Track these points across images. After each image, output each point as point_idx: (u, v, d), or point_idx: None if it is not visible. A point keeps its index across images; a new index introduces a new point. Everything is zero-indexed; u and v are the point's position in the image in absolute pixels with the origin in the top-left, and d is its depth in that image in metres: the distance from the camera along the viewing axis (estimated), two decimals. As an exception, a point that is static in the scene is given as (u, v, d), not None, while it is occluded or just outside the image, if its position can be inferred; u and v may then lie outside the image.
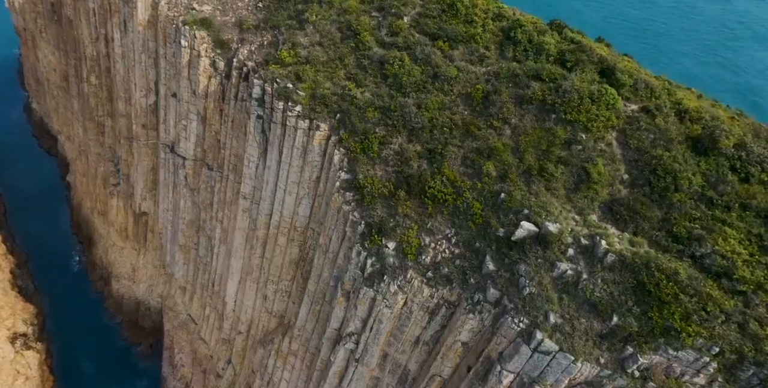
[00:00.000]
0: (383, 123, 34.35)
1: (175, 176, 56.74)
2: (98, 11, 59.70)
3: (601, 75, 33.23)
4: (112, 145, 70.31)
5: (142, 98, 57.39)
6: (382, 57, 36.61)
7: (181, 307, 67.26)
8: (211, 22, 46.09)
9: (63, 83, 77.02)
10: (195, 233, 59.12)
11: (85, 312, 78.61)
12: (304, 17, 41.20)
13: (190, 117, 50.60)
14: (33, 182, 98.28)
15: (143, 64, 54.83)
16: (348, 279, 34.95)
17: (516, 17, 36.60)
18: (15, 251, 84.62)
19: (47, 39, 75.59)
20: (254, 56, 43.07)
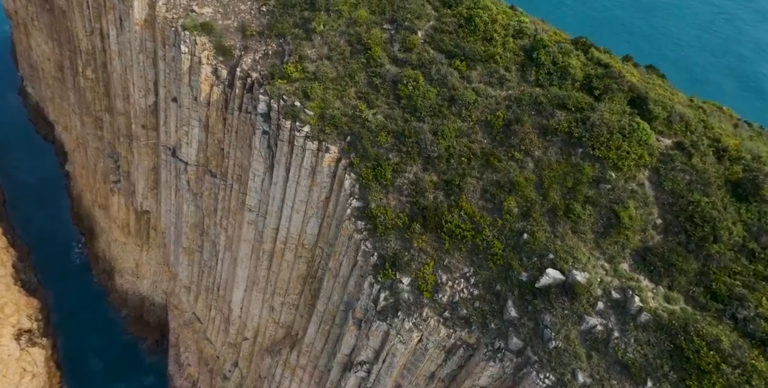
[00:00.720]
0: (397, 149, 32.79)
1: (177, 180, 55.33)
2: (92, 5, 57.11)
3: (632, 105, 31.34)
4: (111, 141, 68.53)
5: (141, 99, 55.42)
6: (394, 76, 34.72)
7: (186, 305, 66.79)
8: (212, 26, 43.87)
9: (58, 74, 74.66)
10: (199, 236, 58.08)
11: (89, 306, 78.35)
12: (311, 27, 39.03)
13: (192, 123, 48.87)
14: (31, 170, 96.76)
15: (141, 65, 52.67)
16: (359, 308, 34.07)
17: (539, 36, 34.44)
18: (16, 243, 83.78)
19: (39, 27, 72.86)
20: (258, 67, 41.08)
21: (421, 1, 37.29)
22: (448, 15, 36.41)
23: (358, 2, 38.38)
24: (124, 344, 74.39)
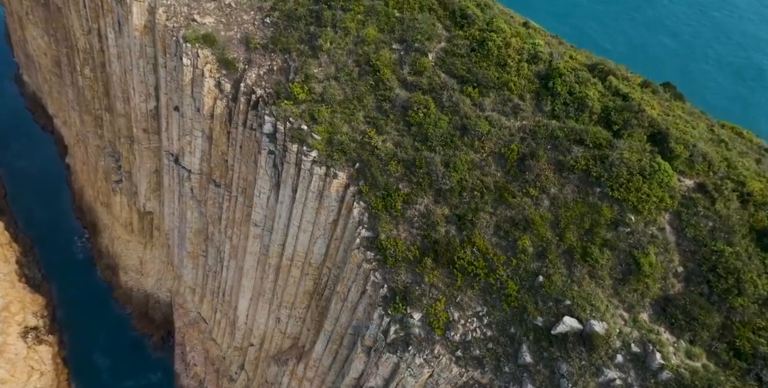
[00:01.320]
0: (407, 179, 32.13)
1: (180, 186, 54.69)
2: (89, 5, 55.41)
3: (653, 141, 30.38)
4: (112, 140, 67.60)
5: (142, 103, 54.32)
6: (404, 101, 33.76)
7: (191, 305, 67.00)
8: (215, 38, 42.58)
9: (55, 69, 73.14)
10: (203, 242, 57.79)
11: (94, 302, 78.53)
12: (318, 44, 37.80)
13: (195, 133, 48.00)
14: (31, 161, 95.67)
15: (141, 70, 51.40)
16: (369, 336, 33.95)
17: (555, 62, 33.23)
18: (19, 237, 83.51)
19: (35, 21, 70.98)
20: (263, 83, 39.99)
21: (432, 20, 35.96)
22: (460, 36, 35.11)
23: (365, 19, 37.05)
24: (130, 341, 74.85)
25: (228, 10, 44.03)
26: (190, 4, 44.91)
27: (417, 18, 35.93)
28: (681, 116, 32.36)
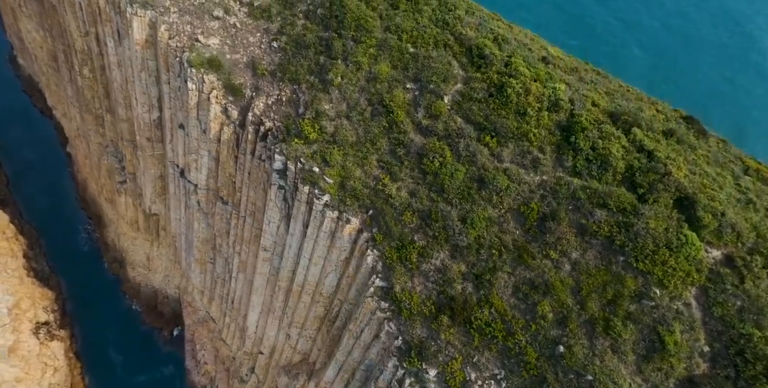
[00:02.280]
0: (422, 231, 31.69)
1: (187, 198, 54.18)
2: (85, 10, 53.19)
3: (679, 207, 29.52)
4: (114, 140, 66.47)
5: (145, 113, 53.06)
6: (420, 148, 32.88)
7: (200, 304, 67.69)
8: (220, 63, 41.07)
9: (52, 64, 71.11)
10: (211, 250, 57.76)
11: (103, 295, 79.33)
12: (328, 78, 36.45)
13: (201, 153, 47.09)
14: (31, 147, 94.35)
15: (143, 82, 49.93)
16: (382, 380, 34.33)
17: (576, 112, 31.98)
18: (24, 228, 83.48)
19: (28, 14, 68.44)
20: (272, 114, 38.86)
21: (447, 58, 34.52)
22: (477, 79, 33.75)
23: (378, 54, 35.58)
24: (140, 334, 76.09)
25: (233, 30, 42.29)
26: (193, 23, 43.12)
27: (432, 55, 34.48)
28: (707, 173, 31.32)
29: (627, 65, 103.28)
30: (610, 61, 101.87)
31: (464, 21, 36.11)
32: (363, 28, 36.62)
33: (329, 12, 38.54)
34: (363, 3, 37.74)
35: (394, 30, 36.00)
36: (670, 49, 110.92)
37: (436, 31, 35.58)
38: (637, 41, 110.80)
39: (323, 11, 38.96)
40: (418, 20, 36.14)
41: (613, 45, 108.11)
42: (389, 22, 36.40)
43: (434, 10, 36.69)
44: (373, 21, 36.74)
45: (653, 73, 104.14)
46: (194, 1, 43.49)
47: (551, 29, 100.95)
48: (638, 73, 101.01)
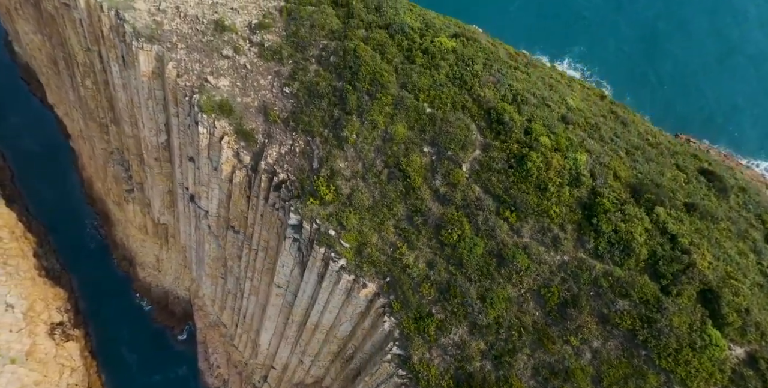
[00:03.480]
0: (441, 304, 32.06)
1: (197, 220, 54.25)
2: (87, 29, 51.43)
3: (703, 299, 29.54)
4: (120, 148, 65.76)
5: (153, 137, 52.42)
6: (438, 218, 32.75)
7: (211, 309, 68.92)
8: (231, 107, 40.25)
9: (52, 67, 69.31)
10: (222, 267, 58.29)
11: (115, 292, 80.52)
12: (343, 135, 35.83)
13: (212, 186, 46.83)
14: (34, 137, 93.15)
15: (150, 109, 49.09)
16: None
17: (599, 189, 31.47)
18: (33, 225, 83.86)
19: (26, 18, 66.16)
20: (285, 165, 38.42)
21: (466, 121, 33.77)
22: (497, 148, 33.12)
23: (394, 113, 34.80)
24: (153, 332, 77.72)
25: (243, 71, 41.15)
26: (201, 61, 41.95)
27: (450, 119, 33.73)
28: (730, 257, 31.05)
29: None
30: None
31: (482, 78, 35.11)
32: (378, 83, 35.68)
33: (343, 61, 37.44)
34: (378, 54, 36.62)
35: (410, 88, 35.09)
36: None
37: (454, 91, 34.68)
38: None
39: (336, 59, 37.84)
40: (435, 77, 35.15)
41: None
42: (405, 78, 35.42)
43: (451, 65, 35.61)
44: (388, 75, 35.75)
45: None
46: (202, 38, 42.13)
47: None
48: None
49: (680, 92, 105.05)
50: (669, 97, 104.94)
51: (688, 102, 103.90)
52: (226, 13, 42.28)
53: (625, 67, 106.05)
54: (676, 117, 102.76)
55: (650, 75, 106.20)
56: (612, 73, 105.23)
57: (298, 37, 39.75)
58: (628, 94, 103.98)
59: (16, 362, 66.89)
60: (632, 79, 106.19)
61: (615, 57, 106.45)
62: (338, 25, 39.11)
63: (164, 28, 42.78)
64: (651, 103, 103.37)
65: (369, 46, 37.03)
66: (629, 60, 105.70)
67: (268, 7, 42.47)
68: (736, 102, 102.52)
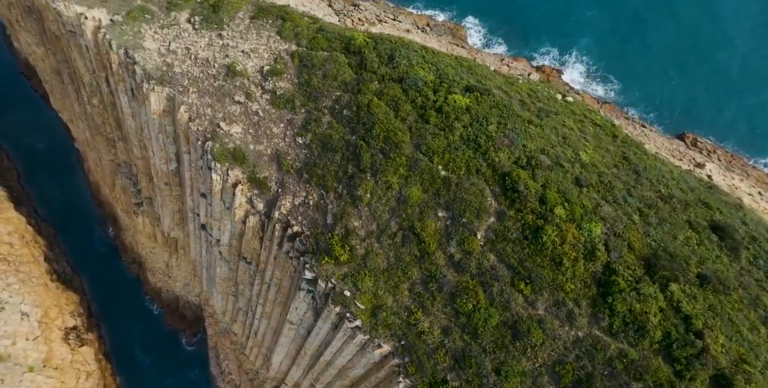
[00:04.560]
0: (456, 372, 33.01)
1: (208, 245, 54.87)
2: (93, 57, 50.75)
3: (716, 385, 30.20)
4: (128, 162, 65.81)
5: (162, 165, 52.52)
6: (453, 287, 33.38)
7: (221, 318, 70.41)
8: (244, 155, 40.36)
9: (56, 77, 68.48)
10: (233, 286, 59.28)
11: (125, 294, 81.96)
12: (357, 194, 36.08)
13: (224, 222, 47.27)
14: (37, 136, 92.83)
15: (161, 142, 49.09)
16: None
17: (614, 265, 31.90)
18: (42, 227, 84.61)
19: (27, 29, 64.93)
20: (300, 217, 38.81)
21: (480, 186, 33.95)
22: (511, 217, 33.39)
23: (408, 175, 34.94)
24: (165, 335, 79.54)
25: (256, 118, 41.01)
26: (213, 106, 41.73)
27: (464, 184, 33.92)
28: (742, 337, 31.55)
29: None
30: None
31: (496, 140, 35.08)
32: (392, 142, 35.72)
33: (356, 115, 37.32)
34: (392, 111, 36.45)
35: (425, 150, 35.14)
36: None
37: (468, 154, 34.74)
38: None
39: (350, 113, 37.71)
40: (449, 139, 35.12)
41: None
42: (420, 139, 35.41)
43: (465, 126, 35.51)
44: (402, 135, 35.73)
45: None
46: (213, 83, 41.78)
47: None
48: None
49: (688, 88, 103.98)
50: (676, 93, 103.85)
51: (696, 98, 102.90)
52: (237, 57, 41.77)
53: (632, 60, 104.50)
54: (682, 112, 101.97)
55: (657, 70, 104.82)
56: (618, 67, 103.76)
57: (311, 86, 39.46)
58: (636, 90, 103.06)
59: (33, 370, 68.87)
60: (639, 73, 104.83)
61: (622, 50, 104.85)
62: (351, 76, 38.76)
63: (175, 70, 42.35)
64: (658, 99, 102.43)
65: (383, 101, 36.83)
66: (636, 54, 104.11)
67: (280, 50, 41.93)
68: (747, 99, 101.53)
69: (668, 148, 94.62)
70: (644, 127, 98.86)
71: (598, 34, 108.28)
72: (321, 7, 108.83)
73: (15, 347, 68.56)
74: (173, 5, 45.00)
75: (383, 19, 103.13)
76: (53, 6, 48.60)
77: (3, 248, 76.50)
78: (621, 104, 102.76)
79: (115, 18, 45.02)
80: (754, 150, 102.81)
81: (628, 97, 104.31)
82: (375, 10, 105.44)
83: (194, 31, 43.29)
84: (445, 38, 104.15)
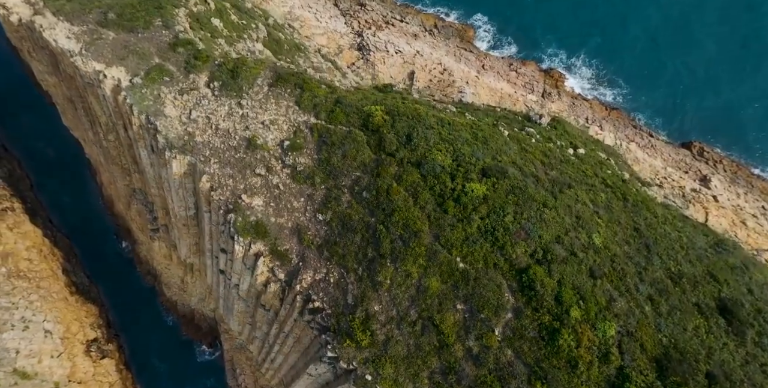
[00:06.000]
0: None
1: (227, 286, 56.68)
2: (112, 109, 51.20)
3: None
4: (144, 189, 66.92)
5: (182, 211, 53.73)
6: (471, 381, 35.24)
7: (237, 335, 73.10)
8: (266, 229, 41.69)
9: (68, 104, 68.68)
10: (250, 317, 61.49)
11: (142, 303, 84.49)
12: (378, 279, 37.58)
13: (244, 276, 48.89)
14: (47, 142, 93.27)
15: (181, 195, 50.17)
16: None
17: (627, 370, 33.56)
18: (58, 238, 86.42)
19: (39, 60, 64.76)
20: (320, 293, 40.47)
21: (498, 281, 35.42)
22: (528, 316, 34.97)
23: (428, 266, 36.37)
24: (182, 343, 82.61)
25: (276, 191, 42.06)
26: (234, 177, 42.72)
27: (482, 279, 35.38)
28: None
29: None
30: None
31: (513, 233, 36.32)
32: (411, 229, 36.98)
33: (375, 199, 38.44)
34: (411, 198, 37.54)
35: (443, 242, 36.43)
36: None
37: (486, 248, 36.06)
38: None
39: (369, 196, 38.80)
40: (467, 230, 36.36)
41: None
42: (438, 229, 36.64)
43: (483, 217, 36.65)
44: (421, 224, 36.96)
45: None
46: (234, 154, 42.61)
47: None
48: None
49: (696, 94, 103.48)
50: (684, 99, 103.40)
51: (703, 104, 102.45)
52: (258, 129, 42.45)
53: (640, 65, 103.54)
54: (689, 120, 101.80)
55: (665, 75, 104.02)
56: (626, 71, 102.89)
57: (331, 164, 40.36)
58: (643, 95, 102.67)
59: (59, 386, 72.21)
60: (647, 76, 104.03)
61: (630, 54, 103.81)
62: (370, 157, 39.62)
63: (196, 139, 43.12)
64: (665, 105, 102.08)
65: (402, 186, 37.86)
66: (644, 58, 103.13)
67: (299, 121, 42.56)
68: (755, 108, 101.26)
69: (675, 160, 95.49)
70: (651, 137, 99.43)
71: (606, 35, 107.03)
72: (327, 8, 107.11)
73: (41, 364, 71.60)
74: (191, 66, 45.26)
75: (390, 20, 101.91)
76: (71, 60, 48.76)
77: (23, 264, 78.65)
78: (628, 110, 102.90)
79: (134, 80, 45.34)
80: (760, 158, 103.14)
81: (636, 102, 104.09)
82: (381, 10, 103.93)
83: (214, 97, 43.76)
84: (453, 42, 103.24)
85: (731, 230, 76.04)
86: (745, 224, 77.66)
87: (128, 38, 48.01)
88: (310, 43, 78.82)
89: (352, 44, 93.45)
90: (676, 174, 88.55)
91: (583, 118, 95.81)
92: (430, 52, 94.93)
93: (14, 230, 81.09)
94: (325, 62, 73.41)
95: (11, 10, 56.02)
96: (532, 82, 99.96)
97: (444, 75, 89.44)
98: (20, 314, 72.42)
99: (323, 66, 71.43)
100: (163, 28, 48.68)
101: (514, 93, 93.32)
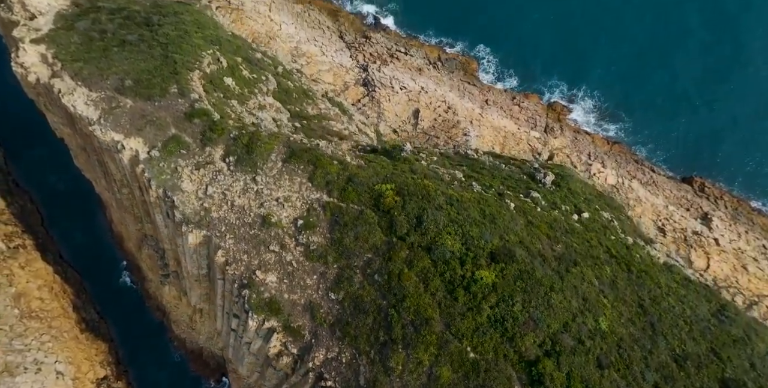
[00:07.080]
0: None
1: (237, 340, 57.82)
2: (129, 176, 52.42)
3: None
4: (155, 236, 68.17)
5: (194, 270, 54.95)
6: None
7: (246, 378, 74.37)
8: (279, 306, 42.92)
9: (82, 153, 69.94)
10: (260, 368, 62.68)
11: (151, 338, 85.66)
12: (390, 365, 38.77)
13: (256, 341, 50.01)
14: (57, 175, 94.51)
15: (195, 259, 51.32)
16: None
17: None
18: (68, 273, 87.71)
19: (55, 112, 66.00)
20: (333, 372, 41.66)
21: (509, 373, 36.65)
22: None
23: (439, 354, 37.58)
24: (190, 379, 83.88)
25: (289, 268, 43.26)
26: (249, 252, 43.92)
27: (492, 372, 36.56)
28: None
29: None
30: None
31: (521, 324, 37.52)
32: (422, 316, 38.18)
33: (387, 283, 39.62)
34: (422, 284, 38.72)
35: (454, 331, 37.64)
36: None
37: (496, 339, 37.28)
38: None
39: (381, 280, 39.98)
40: (477, 320, 37.56)
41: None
42: (449, 318, 37.85)
43: (492, 306, 37.86)
44: (432, 311, 38.17)
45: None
46: (249, 231, 43.81)
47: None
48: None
49: (699, 126, 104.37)
50: (686, 134, 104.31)
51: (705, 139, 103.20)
52: (272, 206, 43.64)
53: (642, 98, 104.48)
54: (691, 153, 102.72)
55: (668, 107, 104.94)
56: (629, 104, 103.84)
57: (343, 245, 41.56)
58: (645, 128, 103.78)
59: (70, 426, 73.54)
60: (650, 109, 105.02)
61: (632, 85, 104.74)
62: (381, 239, 40.81)
63: (212, 215, 44.34)
64: (666, 139, 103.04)
65: (413, 272, 39.07)
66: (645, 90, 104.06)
67: (312, 199, 43.74)
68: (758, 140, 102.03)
69: (676, 196, 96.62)
70: (653, 172, 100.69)
71: (608, 67, 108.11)
72: (333, 41, 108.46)
73: (53, 406, 72.91)
74: (207, 139, 46.47)
75: (394, 53, 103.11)
76: (89, 129, 49.97)
77: (35, 303, 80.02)
78: (630, 144, 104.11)
79: (152, 153, 46.53)
80: (761, 192, 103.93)
81: (637, 136, 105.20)
82: (386, 43, 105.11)
83: (229, 172, 44.97)
84: (457, 75, 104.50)
85: (732, 276, 77.20)
86: (746, 269, 78.74)
87: (145, 107, 49.19)
88: (317, 86, 79.99)
89: (357, 80, 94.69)
90: (677, 213, 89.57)
91: (585, 155, 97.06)
92: (434, 88, 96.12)
93: (26, 268, 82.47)
94: (332, 108, 74.62)
95: (29, 69, 57.28)
96: (534, 117, 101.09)
97: (448, 114, 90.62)
98: (32, 356, 73.75)
99: (330, 112, 72.64)
100: (179, 96, 49.85)
101: (517, 130, 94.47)
